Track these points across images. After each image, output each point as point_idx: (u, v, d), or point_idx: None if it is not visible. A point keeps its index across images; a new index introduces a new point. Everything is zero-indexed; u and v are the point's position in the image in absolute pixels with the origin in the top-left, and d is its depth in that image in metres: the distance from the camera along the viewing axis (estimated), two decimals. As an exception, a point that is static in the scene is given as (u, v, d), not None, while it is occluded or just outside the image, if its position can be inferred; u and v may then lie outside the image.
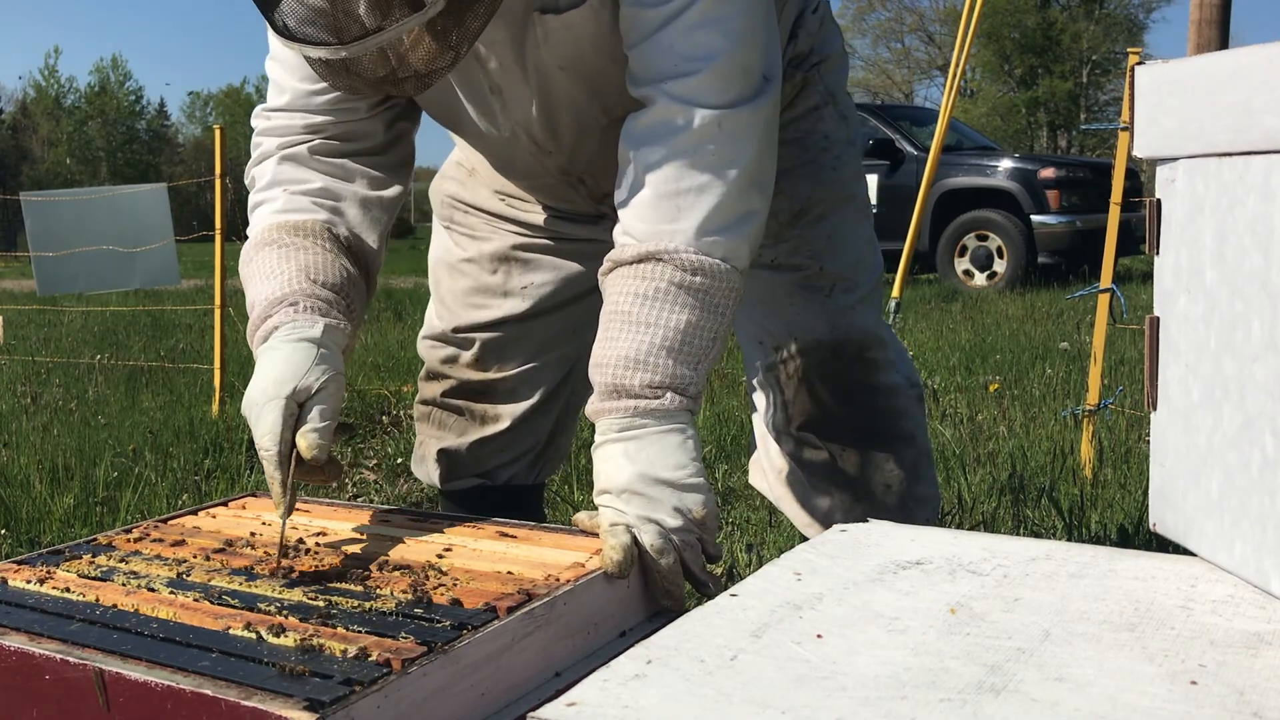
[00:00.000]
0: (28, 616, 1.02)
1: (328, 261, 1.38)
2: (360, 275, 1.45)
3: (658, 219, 1.28)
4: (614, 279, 1.31)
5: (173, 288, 12.75)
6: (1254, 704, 0.74)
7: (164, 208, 13.22)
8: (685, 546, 1.17)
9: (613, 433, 1.23)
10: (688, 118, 1.28)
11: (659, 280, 1.26)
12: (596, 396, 1.27)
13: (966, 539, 1.13)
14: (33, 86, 57.53)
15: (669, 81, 1.29)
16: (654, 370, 1.23)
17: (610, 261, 1.32)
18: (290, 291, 1.33)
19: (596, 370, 1.27)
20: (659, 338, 1.24)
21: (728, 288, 1.29)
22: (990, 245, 10.74)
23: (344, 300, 1.37)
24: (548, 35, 1.37)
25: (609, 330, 1.28)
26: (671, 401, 1.23)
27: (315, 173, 1.48)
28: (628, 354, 1.24)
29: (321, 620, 0.98)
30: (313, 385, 1.24)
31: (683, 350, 1.25)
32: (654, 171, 1.29)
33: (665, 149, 1.29)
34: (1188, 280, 1.02)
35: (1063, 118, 41.23)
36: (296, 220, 1.42)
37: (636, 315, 1.26)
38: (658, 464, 1.20)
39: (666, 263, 1.27)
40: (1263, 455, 0.92)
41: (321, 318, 1.31)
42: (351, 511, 1.38)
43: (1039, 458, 3.55)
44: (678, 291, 1.26)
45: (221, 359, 5.02)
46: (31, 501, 3.23)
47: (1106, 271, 3.55)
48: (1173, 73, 1.03)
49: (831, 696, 0.76)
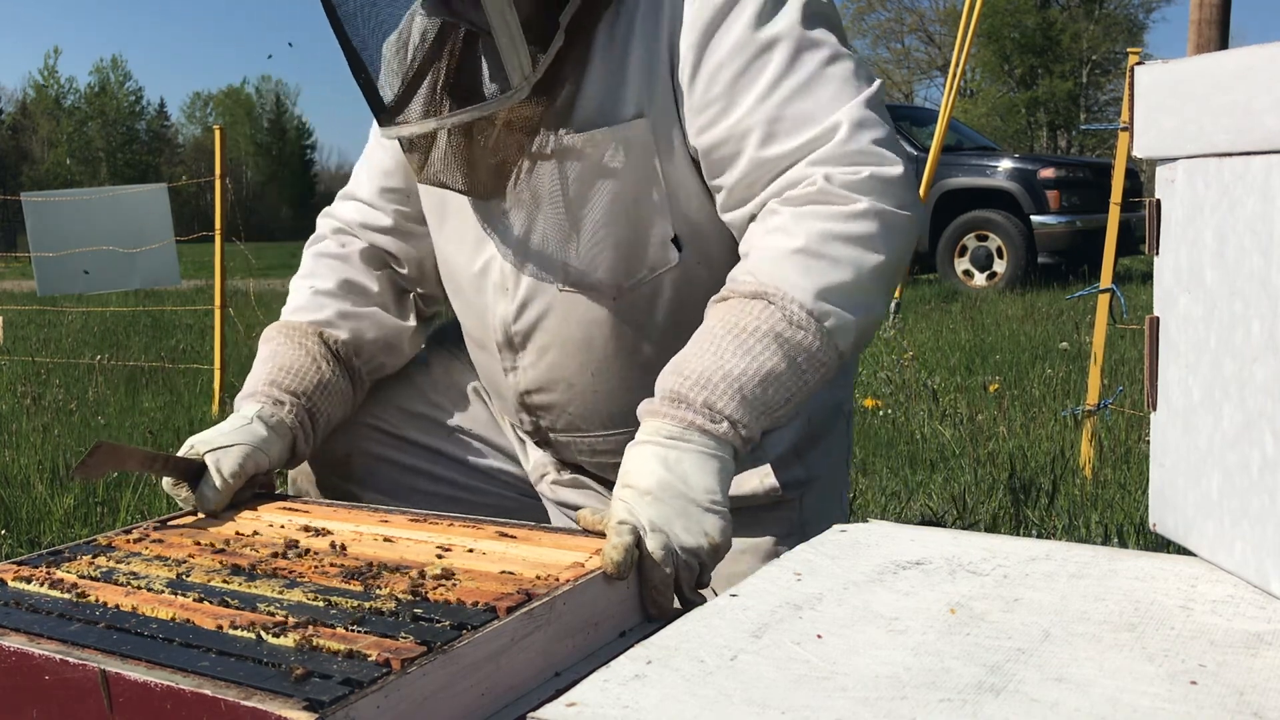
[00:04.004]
0: (28, 617, 1.02)
1: (302, 366, 1.56)
2: (343, 379, 1.61)
3: (789, 269, 1.27)
4: (722, 307, 1.30)
5: (173, 288, 12.76)
6: (1254, 704, 0.74)
7: (164, 208, 13.22)
8: (685, 567, 1.16)
9: (658, 437, 1.22)
10: (852, 202, 1.29)
11: (762, 322, 1.25)
12: (657, 399, 1.26)
13: (966, 539, 1.13)
14: (32, 87, 57.47)
15: (838, 169, 1.30)
16: (720, 397, 1.23)
17: (727, 290, 1.31)
18: (255, 391, 1.53)
19: (669, 375, 1.27)
20: (738, 371, 1.23)
21: (821, 360, 1.27)
22: (990, 245, 10.74)
23: (302, 401, 1.54)
24: (552, 156, 1.43)
25: (697, 346, 1.27)
26: (725, 432, 1.22)
27: (343, 277, 1.67)
28: (703, 372, 1.24)
29: (321, 620, 0.98)
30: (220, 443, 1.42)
31: (755, 395, 1.24)
32: (801, 232, 1.28)
33: (821, 221, 1.29)
34: (1188, 280, 1.02)
35: (1063, 118, 41.23)
36: (297, 322, 1.63)
37: (726, 345, 1.25)
38: (690, 480, 1.19)
39: (777, 308, 1.26)
40: (1263, 455, 0.92)
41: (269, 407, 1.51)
42: (351, 511, 1.38)
43: (1039, 458, 3.55)
44: (774, 339, 1.25)
45: (221, 359, 5.02)
46: (31, 502, 3.23)
47: (1106, 271, 3.56)
48: (1173, 73, 1.03)
49: (831, 697, 0.76)
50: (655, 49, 1.39)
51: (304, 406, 1.53)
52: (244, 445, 1.42)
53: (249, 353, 1.46)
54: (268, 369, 1.55)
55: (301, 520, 1.33)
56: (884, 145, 1.33)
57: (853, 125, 1.32)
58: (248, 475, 1.42)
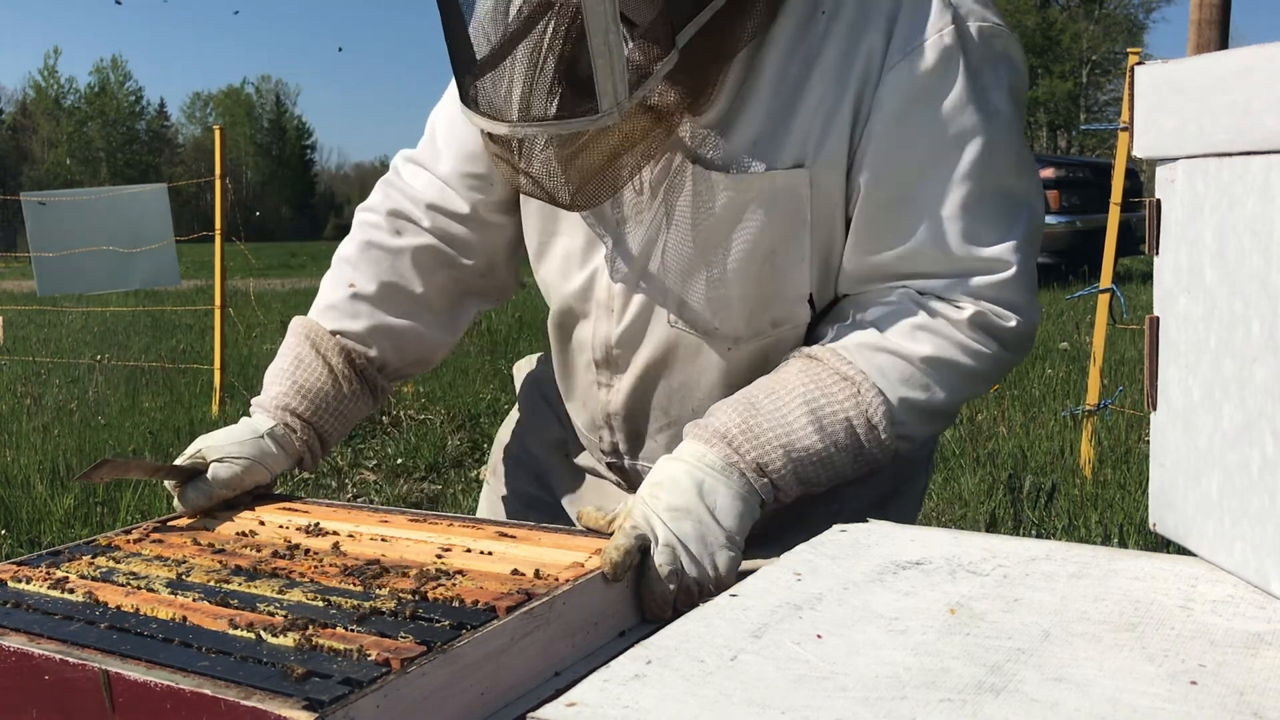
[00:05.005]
0: (28, 617, 1.02)
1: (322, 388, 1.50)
2: (363, 394, 1.54)
3: (896, 375, 1.26)
4: (808, 369, 1.27)
5: (173, 288, 12.76)
6: (1254, 704, 0.74)
7: (164, 208, 13.20)
8: (685, 590, 1.16)
9: (700, 463, 1.21)
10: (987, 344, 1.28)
11: (839, 408, 1.24)
12: (711, 430, 1.24)
13: (966, 539, 1.12)
14: (32, 87, 57.48)
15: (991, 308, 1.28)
16: (771, 459, 1.22)
17: (822, 353, 1.28)
18: (271, 406, 1.50)
19: (731, 411, 1.24)
20: (800, 447, 1.23)
21: (875, 460, 1.27)
22: (990, 245, 10.72)
23: (314, 427, 1.50)
24: (688, 185, 1.32)
25: (769, 402, 1.25)
26: (764, 488, 1.23)
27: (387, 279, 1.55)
28: (761, 430, 1.23)
29: (321, 620, 0.98)
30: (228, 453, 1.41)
31: (805, 473, 1.24)
32: (925, 347, 1.26)
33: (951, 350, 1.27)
34: (1188, 280, 1.02)
35: (1063, 118, 41.23)
36: (326, 330, 1.53)
37: (795, 418, 1.23)
38: (719, 512, 1.19)
39: (862, 401, 1.24)
40: (1262, 456, 0.92)
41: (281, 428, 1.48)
42: (351, 511, 1.38)
43: (1039, 458, 3.55)
44: (846, 428, 1.24)
45: (221, 359, 5.02)
46: (32, 502, 3.23)
47: (1106, 271, 3.56)
48: (1173, 73, 1.03)
49: (831, 697, 0.76)
50: (840, 98, 1.27)
51: (315, 432, 1.50)
52: (247, 460, 1.42)
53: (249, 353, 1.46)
54: (287, 385, 1.50)
55: (301, 520, 1.33)
56: (1033, 283, 1.31)
57: (1020, 265, 1.28)
58: (245, 488, 1.42)
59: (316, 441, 1.51)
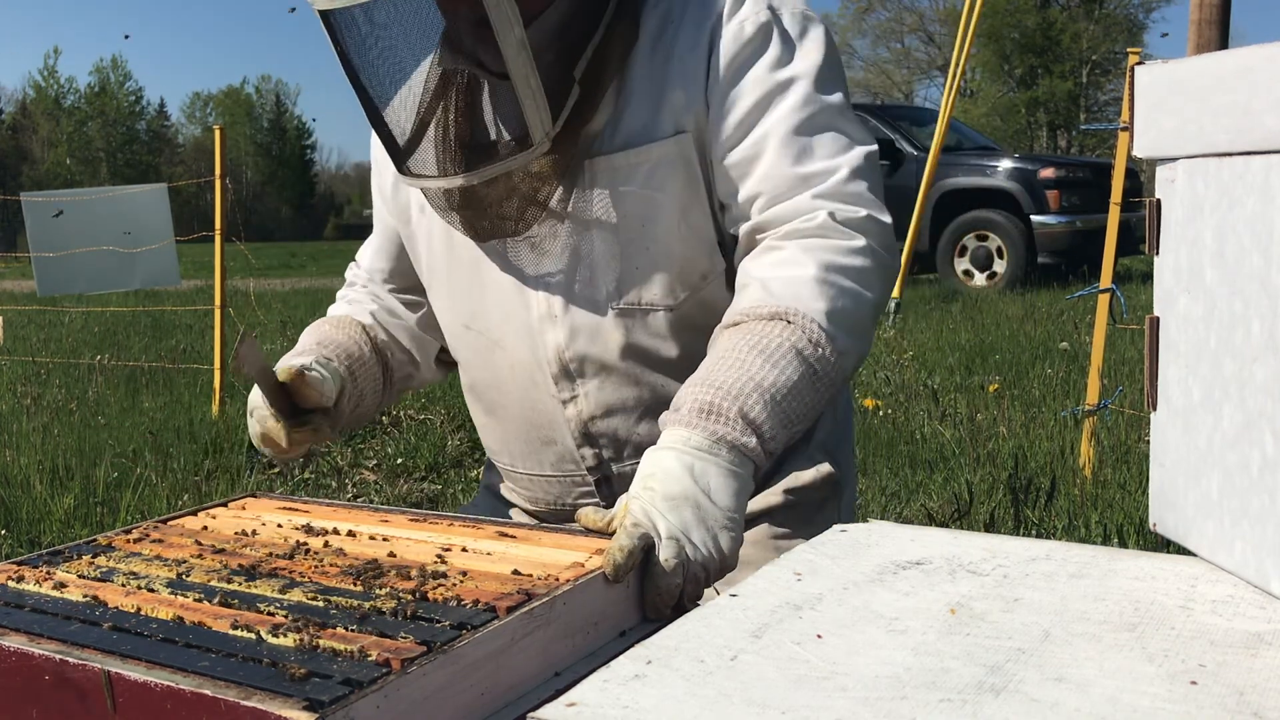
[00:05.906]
0: (28, 617, 1.02)
1: (346, 338, 1.66)
2: (378, 367, 1.70)
3: (804, 294, 1.33)
4: (737, 330, 1.34)
5: (173, 288, 12.77)
6: (1254, 704, 0.74)
7: (164, 208, 13.22)
8: (692, 579, 1.16)
9: (686, 447, 1.23)
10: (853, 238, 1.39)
11: (784, 339, 1.30)
12: (685, 410, 1.26)
13: (966, 539, 1.13)
14: (32, 87, 57.47)
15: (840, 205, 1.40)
16: (754, 407, 1.25)
17: (740, 315, 1.35)
18: (303, 352, 1.61)
19: (696, 386, 1.28)
20: (768, 383, 1.27)
21: (834, 379, 1.33)
22: (990, 245, 10.74)
23: (343, 364, 1.61)
24: (595, 180, 1.46)
25: (721, 363, 1.29)
26: (753, 448, 1.24)
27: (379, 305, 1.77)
28: (734, 384, 1.26)
29: (321, 620, 0.98)
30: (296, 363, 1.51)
31: (784, 407, 1.27)
32: (812, 262, 1.36)
33: (828, 253, 1.37)
34: (1188, 280, 1.02)
35: (1063, 118, 41.26)
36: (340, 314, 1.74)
37: (753, 360, 1.28)
38: (714, 493, 1.20)
39: (796, 327, 1.31)
40: (1262, 456, 0.92)
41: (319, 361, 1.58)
42: (351, 511, 1.38)
43: (1039, 458, 3.55)
44: (797, 355, 1.29)
45: (221, 359, 5.02)
46: (31, 502, 3.23)
47: (1106, 271, 3.56)
48: (1173, 73, 1.03)
49: (831, 697, 0.76)
50: (696, 70, 1.45)
51: (349, 368, 1.61)
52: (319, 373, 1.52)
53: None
54: (312, 340, 1.64)
55: (301, 520, 1.33)
56: (877, 194, 1.44)
57: (852, 170, 1.42)
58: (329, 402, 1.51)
59: (350, 380, 1.59)
